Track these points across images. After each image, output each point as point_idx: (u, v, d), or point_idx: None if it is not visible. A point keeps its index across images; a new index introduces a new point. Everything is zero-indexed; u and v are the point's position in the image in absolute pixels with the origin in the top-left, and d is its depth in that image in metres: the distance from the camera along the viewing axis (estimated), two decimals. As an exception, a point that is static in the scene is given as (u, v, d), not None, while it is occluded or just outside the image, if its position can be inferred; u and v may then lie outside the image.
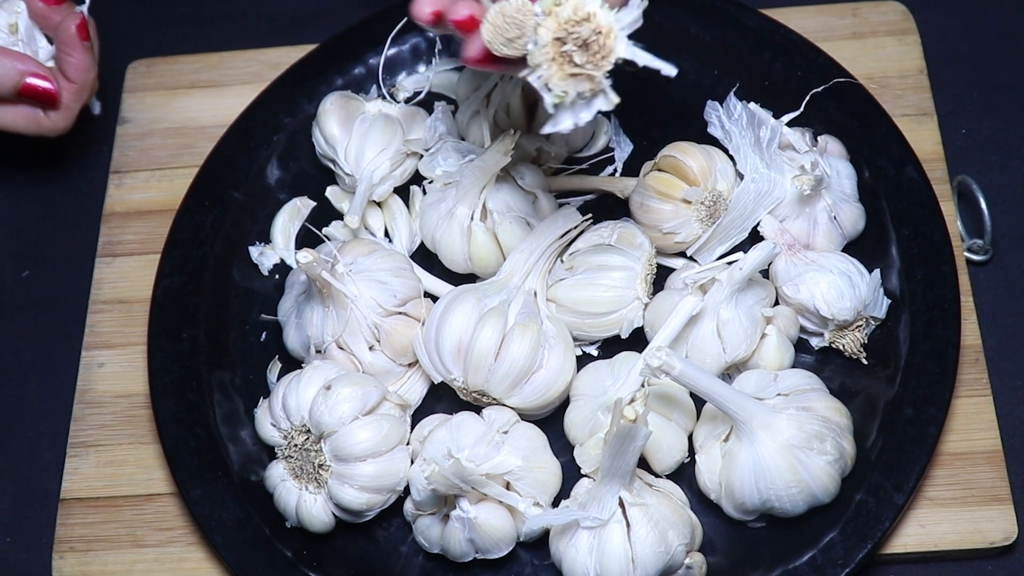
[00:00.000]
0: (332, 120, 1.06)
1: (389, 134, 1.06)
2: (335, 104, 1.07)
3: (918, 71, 1.12)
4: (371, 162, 1.04)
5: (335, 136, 1.06)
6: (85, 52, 1.06)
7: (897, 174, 1.02)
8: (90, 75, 1.07)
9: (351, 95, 1.09)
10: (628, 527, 0.88)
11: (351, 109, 1.07)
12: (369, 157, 1.05)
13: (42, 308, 1.10)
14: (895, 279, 0.99)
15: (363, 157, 1.05)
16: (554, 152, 1.05)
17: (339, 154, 1.05)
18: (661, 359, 0.86)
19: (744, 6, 1.10)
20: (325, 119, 1.06)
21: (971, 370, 0.99)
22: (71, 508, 1.00)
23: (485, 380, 0.94)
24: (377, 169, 1.04)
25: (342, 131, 1.06)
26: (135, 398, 1.04)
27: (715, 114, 1.01)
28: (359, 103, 1.08)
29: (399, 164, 1.06)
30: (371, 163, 1.04)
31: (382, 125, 1.06)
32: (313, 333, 0.97)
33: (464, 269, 1.02)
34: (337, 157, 1.06)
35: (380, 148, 1.05)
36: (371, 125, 1.06)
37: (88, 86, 1.08)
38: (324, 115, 1.06)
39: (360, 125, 1.06)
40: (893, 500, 0.91)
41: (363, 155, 1.05)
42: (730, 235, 0.99)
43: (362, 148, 1.05)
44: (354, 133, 1.05)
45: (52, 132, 1.08)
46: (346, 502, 0.92)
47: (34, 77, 1.05)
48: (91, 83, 1.08)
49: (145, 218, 1.11)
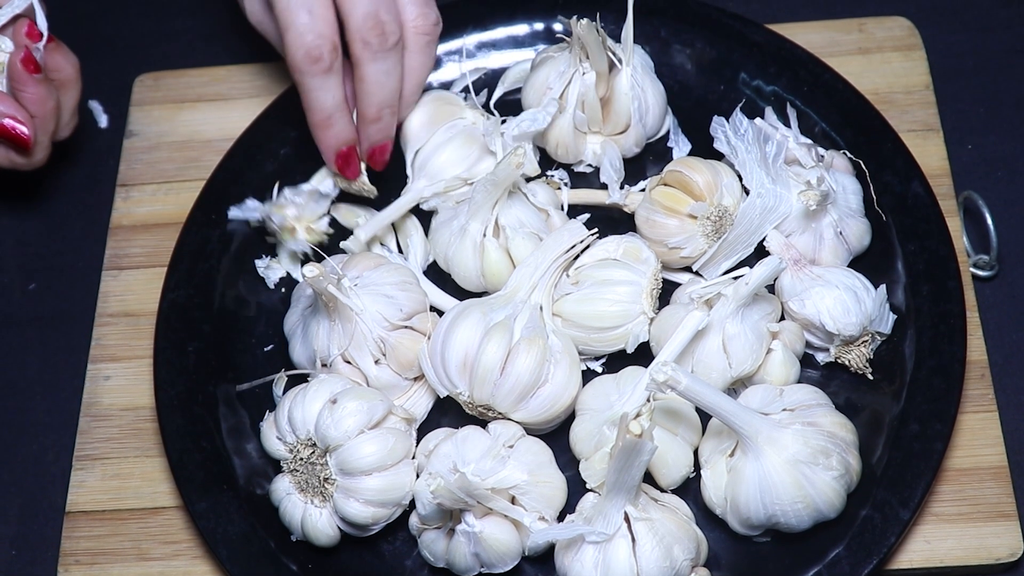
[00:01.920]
0: (415, 120, 1.07)
1: (464, 152, 1.05)
2: (426, 105, 1.07)
3: (924, 87, 1.12)
4: (424, 187, 1.05)
5: (414, 134, 1.06)
6: (37, 84, 1.03)
7: (903, 189, 1.02)
8: (48, 105, 1.05)
9: (451, 96, 1.08)
10: (633, 542, 0.88)
11: (443, 113, 1.07)
12: (436, 166, 1.05)
13: (48, 321, 1.11)
14: (901, 294, 0.99)
15: (429, 164, 1.05)
16: None
17: (408, 153, 1.06)
18: (667, 374, 0.86)
19: (750, 21, 1.10)
20: (410, 117, 1.07)
21: (977, 386, 0.99)
22: (76, 521, 1.00)
23: (491, 394, 0.94)
24: (431, 185, 1.05)
25: (423, 131, 1.06)
26: (141, 411, 1.04)
27: (721, 130, 1.01)
28: (456, 107, 1.08)
29: (454, 188, 1.05)
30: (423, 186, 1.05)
31: (462, 143, 1.05)
32: (319, 347, 0.97)
33: (477, 287, 1.01)
34: (405, 155, 1.06)
35: (451, 164, 1.05)
36: (451, 139, 1.05)
37: (49, 116, 1.05)
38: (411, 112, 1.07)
39: (444, 132, 1.06)
40: (899, 516, 0.91)
41: (428, 163, 1.05)
42: (736, 250, 0.99)
43: (431, 157, 1.05)
44: (432, 141, 1.06)
45: (27, 167, 1.07)
46: (351, 516, 0.92)
47: (11, 119, 1.03)
48: (51, 112, 1.05)
49: (152, 231, 1.11)
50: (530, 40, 1.13)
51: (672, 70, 1.11)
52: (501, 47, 1.13)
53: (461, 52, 1.13)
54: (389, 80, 1.01)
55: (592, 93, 1.04)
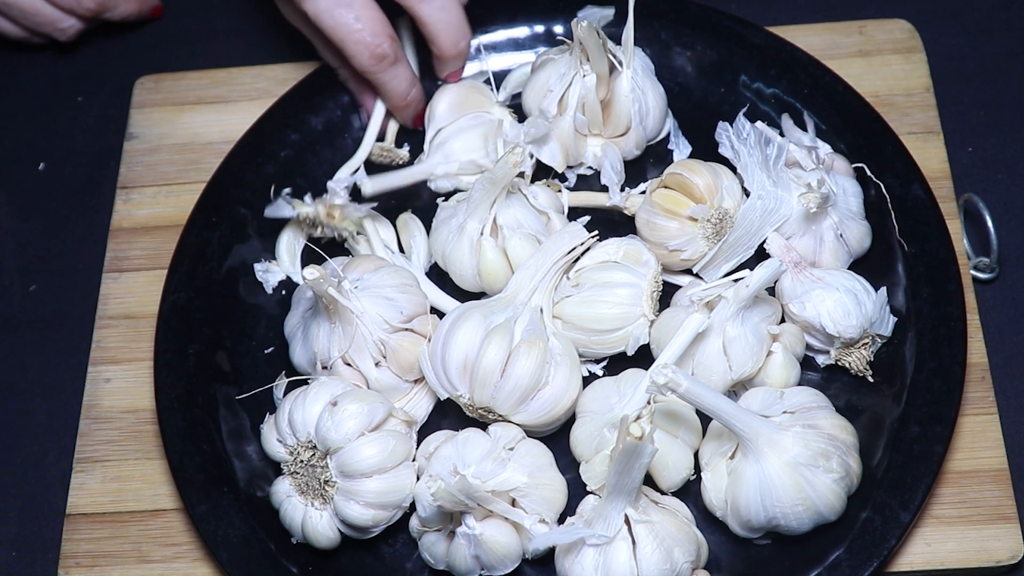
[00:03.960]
0: (443, 101, 1.08)
1: (483, 144, 1.07)
2: (458, 89, 1.09)
3: (924, 89, 1.12)
4: (438, 164, 1.06)
5: (440, 114, 1.08)
6: None
7: (903, 192, 1.02)
8: None
9: (484, 88, 1.10)
10: (634, 544, 0.88)
11: (472, 101, 1.08)
12: (453, 148, 1.07)
13: (49, 323, 1.11)
14: (901, 297, 0.99)
15: (447, 145, 1.07)
16: None
17: (430, 131, 1.08)
18: (667, 376, 0.86)
19: (751, 24, 1.10)
20: (439, 96, 1.08)
21: (977, 388, 0.99)
22: (77, 523, 1.00)
23: (491, 397, 0.94)
24: (444, 164, 1.06)
25: (448, 113, 1.08)
26: (141, 413, 1.04)
27: (725, 134, 1.01)
28: (486, 99, 1.09)
29: (466, 172, 1.07)
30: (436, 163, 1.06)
31: (483, 133, 1.07)
32: (319, 349, 0.97)
33: (474, 287, 1.02)
34: (427, 131, 1.08)
35: (467, 150, 1.07)
36: (474, 127, 1.07)
37: None
38: (442, 92, 1.08)
39: (468, 120, 1.07)
40: (899, 518, 0.91)
41: (447, 143, 1.07)
42: (736, 252, 0.99)
43: (450, 138, 1.07)
44: (456, 123, 1.07)
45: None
46: (352, 518, 0.92)
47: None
48: None
49: (152, 234, 1.11)
50: (530, 43, 1.13)
51: (672, 72, 1.11)
52: (501, 49, 1.13)
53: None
54: (449, 13, 1.06)
55: (593, 95, 1.04)
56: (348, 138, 1.11)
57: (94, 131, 1.19)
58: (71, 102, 1.21)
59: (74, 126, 1.20)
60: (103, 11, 1.20)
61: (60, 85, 1.22)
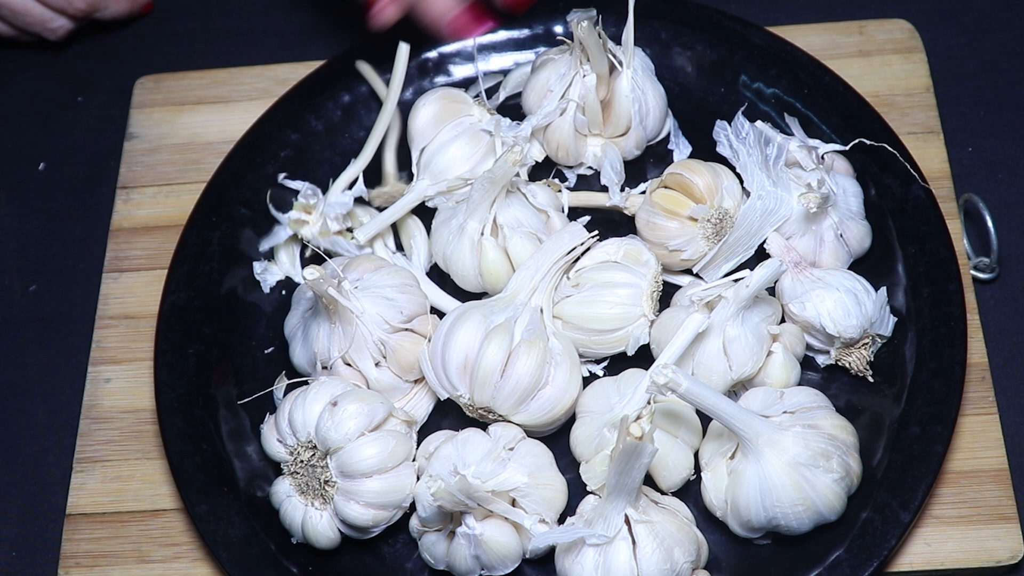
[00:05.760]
0: (420, 118, 1.06)
1: (469, 150, 1.05)
2: (435, 100, 1.06)
3: (924, 89, 1.12)
4: (428, 187, 1.04)
5: (420, 131, 1.05)
6: None
7: (903, 192, 1.02)
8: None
9: (459, 94, 1.08)
10: (634, 544, 0.88)
11: (450, 110, 1.06)
12: (440, 165, 1.04)
13: (49, 323, 1.11)
14: (901, 297, 0.99)
15: (433, 163, 1.05)
16: None
17: (414, 151, 1.06)
18: (667, 376, 0.86)
19: (751, 24, 1.10)
20: (416, 112, 1.06)
21: (977, 388, 0.99)
22: (77, 523, 1.00)
23: (491, 397, 0.94)
24: (434, 185, 1.05)
25: (429, 129, 1.06)
26: (141, 413, 1.04)
27: (724, 133, 1.01)
28: (464, 104, 1.07)
29: (456, 188, 1.05)
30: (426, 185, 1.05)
31: (467, 140, 1.05)
32: (319, 349, 0.97)
33: (475, 287, 1.02)
34: (412, 152, 1.06)
35: (455, 163, 1.04)
36: (457, 137, 1.05)
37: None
38: (418, 109, 1.06)
39: (450, 130, 1.05)
40: (899, 518, 0.91)
41: (433, 161, 1.05)
42: (736, 252, 0.99)
43: (435, 155, 1.05)
44: (437, 138, 1.05)
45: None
46: (352, 518, 0.92)
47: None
48: None
49: (152, 234, 1.11)
50: (530, 43, 1.13)
51: (673, 72, 1.11)
52: (501, 50, 1.13)
53: (460, 55, 1.13)
54: None
55: (593, 95, 1.04)
56: (348, 138, 1.11)
57: (94, 131, 1.19)
58: (71, 102, 1.21)
59: (74, 126, 1.20)
60: (93, 11, 1.20)
61: (60, 85, 1.22)
